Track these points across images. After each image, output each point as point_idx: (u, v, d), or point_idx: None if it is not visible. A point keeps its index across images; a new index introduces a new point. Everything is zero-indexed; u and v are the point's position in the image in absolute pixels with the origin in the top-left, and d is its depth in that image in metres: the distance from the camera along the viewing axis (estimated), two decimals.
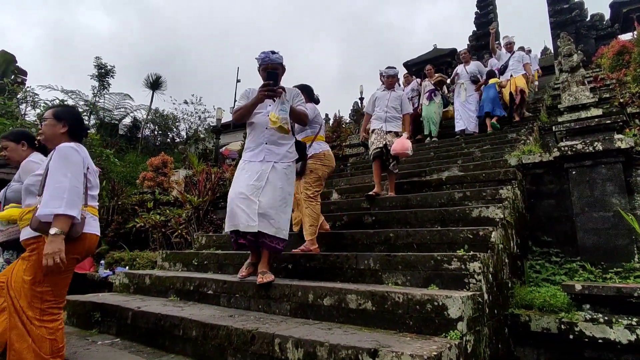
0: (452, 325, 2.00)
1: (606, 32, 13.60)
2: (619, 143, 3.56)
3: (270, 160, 2.83)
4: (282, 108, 2.73)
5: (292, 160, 2.97)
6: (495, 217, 3.23)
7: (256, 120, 2.92)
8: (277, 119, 2.68)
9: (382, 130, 4.82)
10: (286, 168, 2.88)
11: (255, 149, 2.89)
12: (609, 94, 6.57)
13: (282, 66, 2.99)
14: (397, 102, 4.91)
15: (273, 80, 2.73)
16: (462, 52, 8.14)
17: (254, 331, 2.10)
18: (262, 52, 2.92)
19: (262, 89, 2.73)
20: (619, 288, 2.58)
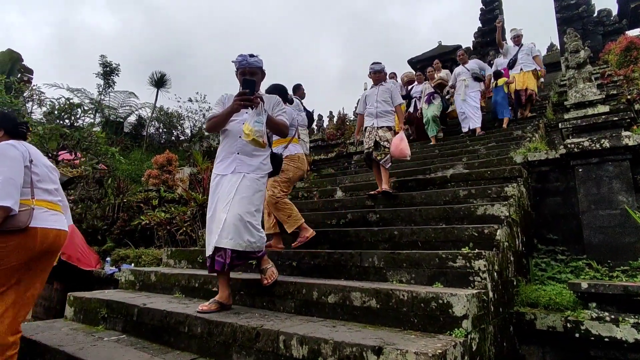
0: (457, 323, 1.99)
1: (613, 28, 13.45)
2: (626, 140, 3.52)
3: (241, 171, 2.62)
4: (257, 120, 2.51)
5: (266, 173, 2.75)
6: (500, 214, 3.21)
7: (230, 128, 2.70)
8: (251, 131, 2.47)
9: (374, 127, 4.69)
10: (257, 180, 2.66)
11: (226, 159, 2.68)
12: (616, 91, 6.51)
13: (262, 71, 2.82)
14: (386, 94, 4.75)
15: (249, 89, 2.53)
16: (459, 53, 8.01)
17: (259, 328, 2.11)
18: (240, 55, 2.72)
19: (237, 98, 2.52)
20: (625, 286, 2.56)
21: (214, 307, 2.51)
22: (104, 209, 8.17)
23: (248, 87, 2.53)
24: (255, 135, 2.46)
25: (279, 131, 2.83)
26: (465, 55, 7.78)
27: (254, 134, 2.46)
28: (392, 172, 5.44)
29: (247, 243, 2.50)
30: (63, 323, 3.17)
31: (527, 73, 7.28)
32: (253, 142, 2.50)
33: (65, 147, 9.09)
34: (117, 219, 7.82)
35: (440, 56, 14.97)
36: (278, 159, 2.95)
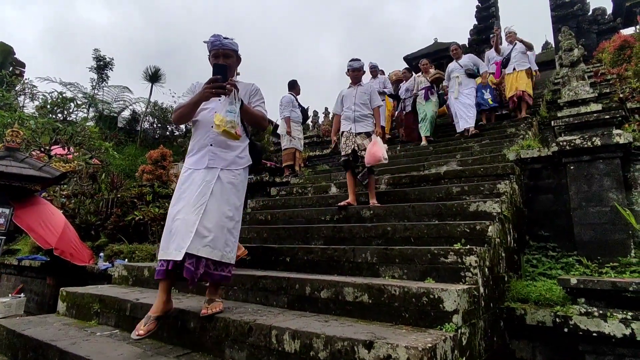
0: (448, 318, 2.02)
1: (608, 26, 13.53)
2: (617, 138, 3.56)
3: (215, 166, 2.36)
4: (229, 109, 2.30)
5: (244, 167, 2.50)
6: (492, 211, 3.24)
7: (201, 118, 2.46)
8: (222, 121, 2.25)
9: (351, 133, 4.37)
10: (235, 177, 2.42)
11: (199, 152, 2.42)
12: (609, 89, 6.56)
13: (237, 54, 2.58)
14: (365, 97, 4.41)
15: (221, 75, 2.27)
16: (452, 47, 7.50)
17: (252, 323, 2.12)
18: (213, 35, 2.50)
19: (207, 85, 2.27)
20: (614, 282, 2.60)
21: (152, 326, 2.19)
22: (98, 204, 8.13)
23: (220, 73, 2.28)
24: (226, 126, 2.25)
25: (256, 123, 2.62)
26: (459, 50, 7.37)
27: (225, 125, 2.25)
28: (386, 169, 5.46)
29: (223, 252, 2.26)
30: (55, 318, 3.16)
31: (520, 73, 7.07)
32: (225, 134, 2.28)
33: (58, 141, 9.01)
34: (111, 214, 7.78)
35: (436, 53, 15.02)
36: (258, 150, 2.69)
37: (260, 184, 6.37)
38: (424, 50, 15.71)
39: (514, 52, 7.26)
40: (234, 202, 2.39)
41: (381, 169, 5.54)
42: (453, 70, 7.20)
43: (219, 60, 2.44)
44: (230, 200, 2.37)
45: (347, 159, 4.37)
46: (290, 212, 4.60)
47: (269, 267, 3.36)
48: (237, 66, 2.64)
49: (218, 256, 2.24)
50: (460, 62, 7.14)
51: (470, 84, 7.01)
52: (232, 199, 2.38)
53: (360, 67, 4.52)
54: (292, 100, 7.04)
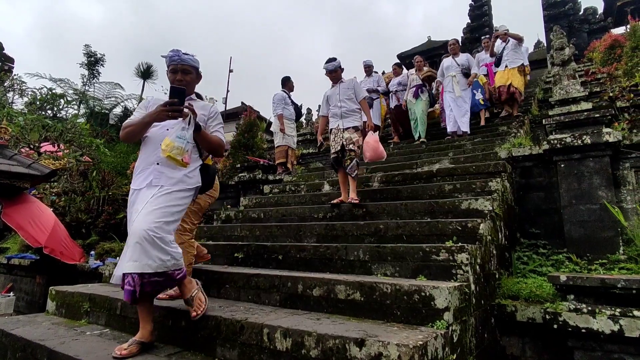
0: (439, 315, 2.03)
1: (599, 25, 13.67)
2: (607, 137, 3.60)
3: (158, 184, 2.18)
4: (180, 135, 2.15)
5: (192, 187, 2.28)
6: (484, 209, 3.26)
7: (151, 134, 2.29)
8: (168, 146, 2.11)
9: (339, 129, 4.29)
10: (178, 191, 2.21)
11: (144, 170, 2.24)
12: (599, 88, 6.62)
13: (196, 71, 2.45)
14: (349, 91, 4.35)
15: (178, 98, 2.15)
16: (450, 42, 7.05)
17: (243, 321, 2.11)
18: (172, 50, 2.38)
19: (162, 107, 2.15)
20: (602, 279, 2.63)
21: (135, 349, 2.12)
22: (89, 202, 8.04)
23: (177, 96, 2.15)
24: (171, 152, 2.10)
25: (212, 150, 2.44)
26: (457, 46, 6.95)
27: (171, 150, 2.10)
28: (379, 167, 5.47)
29: (158, 262, 2.03)
30: (45, 317, 3.13)
31: (512, 70, 6.90)
32: (169, 160, 2.13)
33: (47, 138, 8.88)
34: (102, 212, 7.70)
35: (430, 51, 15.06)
36: (211, 172, 2.48)
37: (253, 181, 6.35)
38: (417, 48, 15.74)
39: (506, 50, 7.11)
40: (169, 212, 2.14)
41: (373, 166, 5.56)
42: (449, 68, 6.86)
43: (176, 76, 2.35)
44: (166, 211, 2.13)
45: (337, 156, 4.28)
46: (283, 210, 4.59)
47: (261, 265, 3.35)
48: (196, 83, 2.50)
49: (153, 268, 2.03)
50: (457, 60, 6.85)
51: (466, 85, 6.78)
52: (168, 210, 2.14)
53: (335, 68, 4.42)
54: (284, 97, 7.01)
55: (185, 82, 2.36)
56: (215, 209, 6.28)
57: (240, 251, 3.52)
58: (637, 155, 3.69)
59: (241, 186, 6.50)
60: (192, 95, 2.47)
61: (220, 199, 6.88)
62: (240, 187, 6.53)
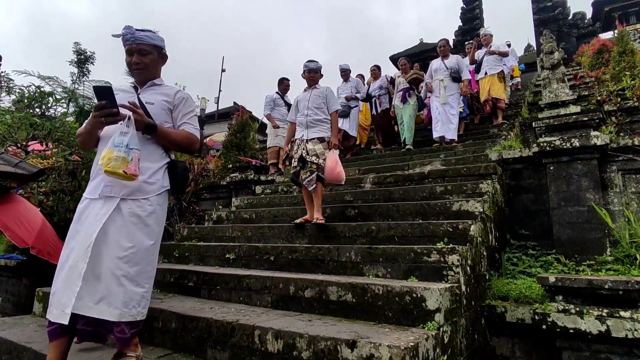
0: (430, 316, 2.04)
1: (587, 30, 13.90)
2: (594, 140, 3.65)
3: (113, 194, 1.85)
4: (117, 142, 1.76)
5: (156, 194, 1.94)
6: (474, 210, 3.29)
7: (105, 133, 1.95)
8: (104, 158, 1.73)
9: (302, 140, 3.87)
10: (141, 207, 1.87)
11: (97, 176, 1.93)
12: (587, 92, 6.73)
13: (158, 50, 2.08)
14: (320, 100, 3.94)
15: (107, 99, 1.79)
16: (440, 43, 6.65)
17: (234, 323, 2.10)
18: (124, 27, 2.02)
19: (94, 114, 1.83)
20: (590, 280, 2.67)
21: None
22: (77, 202, 7.92)
23: (105, 97, 1.79)
24: (109, 165, 1.72)
25: (180, 147, 2.10)
26: (448, 47, 6.60)
27: (108, 164, 1.72)
28: (371, 168, 5.48)
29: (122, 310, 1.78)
30: (31, 319, 3.08)
31: (492, 77, 6.72)
32: (108, 174, 1.75)
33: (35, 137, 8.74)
34: None
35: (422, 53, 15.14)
36: (180, 170, 2.08)
37: (245, 182, 6.32)
38: (409, 50, 15.83)
39: (486, 56, 6.97)
40: (139, 240, 1.85)
41: (366, 167, 5.57)
42: (437, 70, 6.47)
43: (132, 58, 2.02)
44: (133, 238, 1.83)
45: (296, 171, 3.83)
46: (275, 211, 4.57)
47: (253, 266, 3.33)
48: (160, 65, 2.13)
49: (114, 315, 1.74)
50: (446, 63, 6.44)
51: (455, 89, 6.37)
52: (135, 236, 1.84)
53: (317, 68, 4.06)
54: (274, 98, 7.06)
55: (143, 64, 2.03)
56: (207, 209, 6.24)
57: (231, 252, 3.50)
58: (624, 159, 3.75)
59: (233, 186, 6.47)
60: (154, 80, 2.12)
61: (212, 199, 6.85)
62: (232, 188, 6.49)
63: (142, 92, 2.07)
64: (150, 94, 2.06)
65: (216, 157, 8.72)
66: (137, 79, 2.11)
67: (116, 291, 1.77)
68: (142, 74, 2.06)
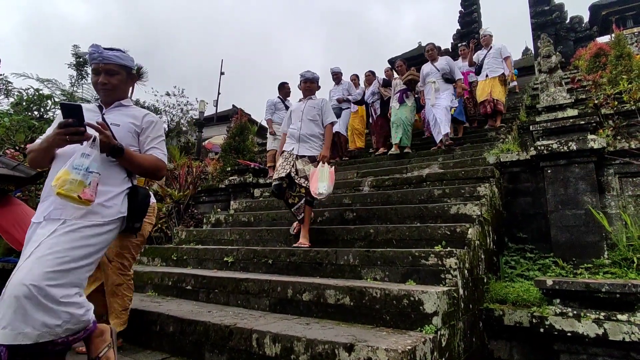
0: (428, 319, 2.04)
1: (584, 34, 13.98)
2: (592, 143, 3.67)
3: (60, 217, 1.66)
4: (76, 164, 1.60)
5: (111, 219, 1.76)
6: (472, 214, 3.30)
7: (61, 152, 1.78)
8: (59, 180, 1.56)
9: (292, 154, 3.60)
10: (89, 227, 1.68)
11: (47, 198, 1.73)
12: (585, 95, 6.76)
13: (127, 70, 1.99)
14: (314, 111, 3.69)
15: (74, 117, 1.66)
16: (427, 47, 6.54)
17: (232, 326, 2.10)
18: (91, 45, 1.91)
19: (58, 131, 1.67)
20: (587, 283, 2.68)
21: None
22: None
23: (72, 115, 1.66)
24: (64, 188, 1.54)
25: (146, 173, 1.96)
26: (435, 50, 6.50)
27: (62, 186, 1.55)
28: (370, 171, 5.49)
29: (41, 330, 1.46)
30: None
31: (493, 80, 6.69)
32: (61, 197, 1.56)
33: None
34: None
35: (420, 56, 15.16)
36: (140, 197, 1.91)
37: (244, 185, 6.32)
38: (407, 53, 15.89)
39: (487, 58, 6.88)
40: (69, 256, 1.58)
41: (364, 170, 5.58)
42: (429, 74, 6.38)
43: (99, 78, 1.92)
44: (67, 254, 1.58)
45: (280, 183, 3.51)
46: (274, 214, 4.58)
47: (251, 270, 3.33)
48: (128, 86, 2.04)
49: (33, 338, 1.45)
50: (436, 65, 6.36)
51: (448, 89, 6.26)
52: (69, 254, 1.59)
53: (314, 78, 3.85)
54: (274, 102, 7.10)
55: (110, 85, 1.93)
56: (205, 212, 6.24)
57: (230, 255, 3.50)
58: (621, 162, 3.77)
59: (231, 189, 6.47)
60: (122, 101, 2.00)
61: (210, 202, 6.84)
62: (231, 191, 6.49)
63: (107, 113, 1.94)
64: (116, 115, 1.93)
65: (215, 160, 8.72)
66: (103, 99, 2.00)
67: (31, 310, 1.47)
68: (108, 94, 1.96)
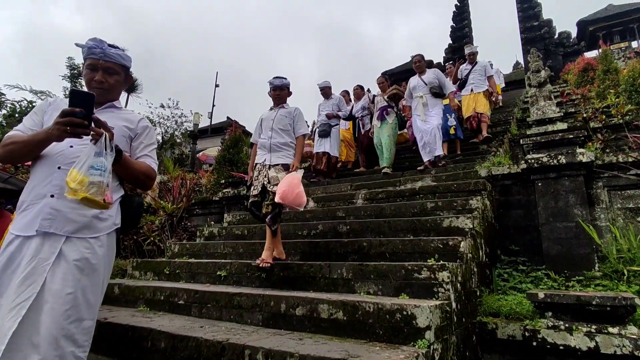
0: (421, 334, 2.04)
1: (573, 49, 14.31)
2: (580, 157, 3.74)
3: (55, 231, 1.49)
4: (96, 164, 1.44)
5: (107, 233, 1.63)
6: (465, 227, 3.32)
7: (46, 152, 1.59)
8: (81, 183, 1.40)
9: (264, 165, 3.43)
10: (90, 250, 1.54)
11: (31, 206, 1.54)
12: (574, 109, 6.89)
13: (126, 72, 1.83)
14: (286, 121, 3.51)
15: (84, 108, 1.45)
16: (415, 59, 6.16)
17: (224, 342, 2.08)
18: (92, 39, 1.73)
19: (61, 120, 1.44)
20: (578, 296, 2.70)
21: None
22: None
23: (82, 105, 1.46)
24: (88, 192, 1.40)
25: (137, 181, 1.75)
26: (423, 62, 6.13)
27: (86, 189, 1.40)
28: (363, 184, 5.52)
29: None
30: None
31: (477, 95, 6.65)
32: (85, 202, 1.42)
33: None
34: None
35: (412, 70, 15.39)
36: (135, 205, 1.80)
37: (238, 197, 6.31)
38: (401, 67, 16.10)
39: (472, 74, 6.83)
40: (84, 295, 1.50)
41: (358, 183, 5.60)
42: (416, 88, 6.02)
43: (95, 75, 1.72)
44: (77, 288, 1.48)
45: (256, 200, 3.35)
46: None
47: (244, 284, 3.32)
48: (122, 88, 1.86)
49: None
50: (424, 78, 5.98)
51: (437, 104, 5.93)
52: (80, 286, 1.49)
53: (284, 85, 3.58)
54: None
55: (107, 85, 1.73)
56: (199, 225, 6.21)
57: (223, 269, 3.48)
58: (610, 175, 3.84)
59: (225, 202, 6.46)
60: (114, 102, 1.83)
61: (204, 214, 6.82)
62: (225, 203, 6.48)
63: (97, 113, 1.66)
64: (108, 117, 1.66)
65: (209, 172, 8.72)
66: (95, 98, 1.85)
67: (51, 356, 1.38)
68: (102, 94, 1.76)
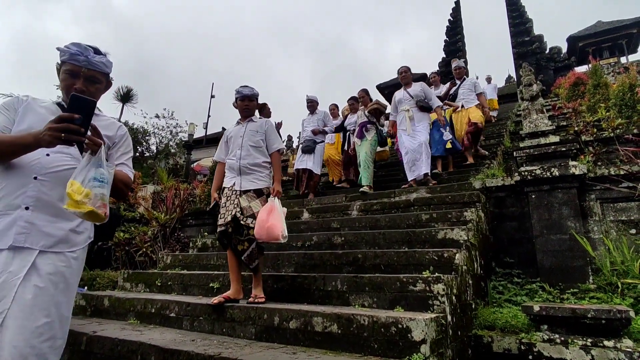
0: (416, 347, 2.01)
1: (563, 63, 14.59)
2: (573, 169, 3.77)
3: (29, 246, 1.39)
4: (98, 175, 1.34)
5: (82, 247, 1.56)
6: (459, 239, 3.32)
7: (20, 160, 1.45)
8: (87, 196, 1.29)
9: (234, 191, 3.00)
10: (66, 263, 1.46)
11: (4, 217, 1.41)
12: (565, 122, 6.99)
13: (107, 79, 1.71)
14: (258, 136, 3.10)
15: (82, 115, 1.33)
16: (400, 70, 5.82)
17: (216, 356, 2.04)
18: (75, 44, 1.60)
19: (53, 126, 1.31)
20: (573, 309, 2.69)
21: None
22: None
23: (80, 111, 1.33)
24: (95, 205, 1.30)
25: (117, 191, 1.59)
26: (409, 74, 5.81)
27: (93, 202, 1.30)
28: (359, 195, 5.50)
29: None
30: None
31: (469, 109, 6.39)
32: (89, 215, 1.31)
33: None
34: None
35: None
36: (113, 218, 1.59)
37: None
38: (395, 80, 16.28)
39: (461, 89, 6.63)
40: (58, 308, 1.40)
41: (352, 195, 5.59)
42: (401, 101, 5.73)
43: (76, 82, 1.59)
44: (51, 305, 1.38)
45: (225, 230, 2.91)
46: None
47: None
48: (102, 93, 1.74)
49: None
50: (410, 91, 5.70)
51: (424, 119, 5.68)
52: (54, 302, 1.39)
53: (253, 95, 3.17)
54: None
55: (89, 93, 1.59)
56: (192, 236, 6.14)
57: (216, 281, 3.44)
58: (602, 188, 3.87)
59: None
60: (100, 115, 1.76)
61: (197, 225, 6.75)
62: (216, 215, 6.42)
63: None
64: None
65: (203, 182, 8.67)
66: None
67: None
68: None
